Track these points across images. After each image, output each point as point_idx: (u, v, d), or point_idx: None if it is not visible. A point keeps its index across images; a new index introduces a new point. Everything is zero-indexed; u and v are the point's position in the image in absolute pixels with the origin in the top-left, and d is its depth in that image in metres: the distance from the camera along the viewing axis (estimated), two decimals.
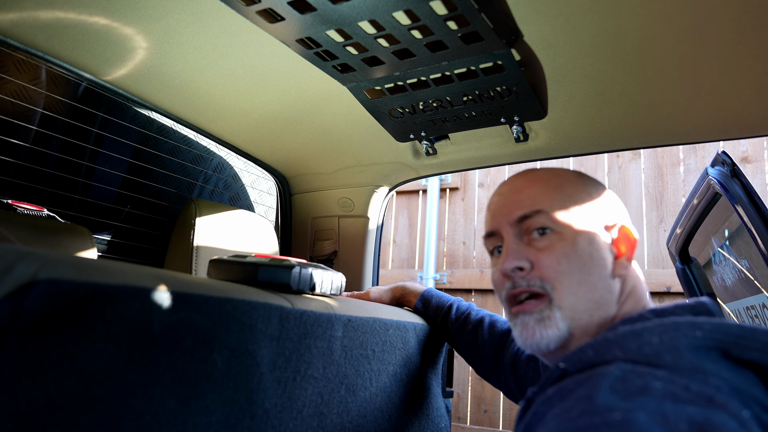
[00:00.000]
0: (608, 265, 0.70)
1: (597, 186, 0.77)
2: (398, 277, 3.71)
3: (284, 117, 1.32)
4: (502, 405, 3.21)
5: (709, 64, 0.93)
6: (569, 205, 0.71)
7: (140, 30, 0.99)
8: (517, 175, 0.78)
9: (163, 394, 0.53)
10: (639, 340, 0.56)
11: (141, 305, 0.51)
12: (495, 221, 0.75)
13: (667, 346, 0.54)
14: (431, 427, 1.11)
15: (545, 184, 0.73)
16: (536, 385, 0.66)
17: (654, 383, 0.49)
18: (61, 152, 1.33)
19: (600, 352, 0.59)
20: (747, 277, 1.28)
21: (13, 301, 0.42)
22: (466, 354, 1.11)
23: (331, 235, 1.71)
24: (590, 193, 0.74)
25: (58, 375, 0.45)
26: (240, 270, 0.77)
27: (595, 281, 0.68)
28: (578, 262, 0.68)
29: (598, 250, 0.70)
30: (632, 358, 0.55)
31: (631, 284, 0.72)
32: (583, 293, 0.68)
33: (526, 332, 0.69)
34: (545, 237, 0.70)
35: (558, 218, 0.70)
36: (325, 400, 0.78)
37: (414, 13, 0.81)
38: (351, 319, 0.86)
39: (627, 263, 0.72)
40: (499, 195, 0.77)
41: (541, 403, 0.57)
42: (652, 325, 0.57)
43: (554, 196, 0.72)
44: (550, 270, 0.68)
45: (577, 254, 0.69)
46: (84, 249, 1.11)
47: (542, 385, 0.64)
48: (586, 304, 0.68)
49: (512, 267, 0.70)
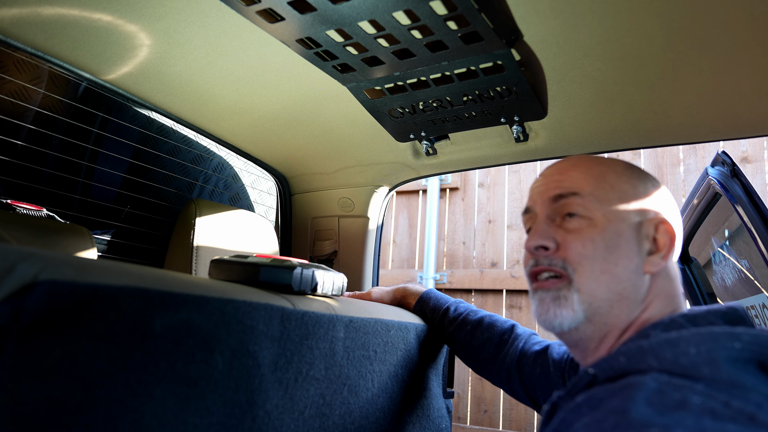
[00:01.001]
0: (637, 259, 0.68)
1: (645, 179, 0.74)
2: (398, 276, 3.71)
3: (284, 117, 1.32)
4: (502, 405, 3.21)
5: (709, 64, 0.93)
6: (607, 194, 0.70)
7: (140, 30, 0.99)
8: (565, 158, 0.78)
9: (163, 394, 0.53)
10: (675, 350, 0.54)
11: (142, 306, 0.51)
12: (532, 199, 0.77)
13: (704, 358, 0.52)
14: (432, 427, 1.11)
15: (588, 170, 0.73)
16: (562, 389, 0.65)
17: (692, 398, 0.47)
18: (61, 152, 1.32)
19: (633, 360, 0.57)
20: (747, 277, 1.28)
21: (15, 301, 0.42)
22: (465, 354, 1.11)
23: (331, 235, 1.71)
24: (634, 185, 0.72)
25: (59, 376, 0.45)
26: (241, 270, 0.77)
27: (620, 273, 0.67)
28: (604, 250, 0.67)
29: (628, 242, 0.68)
30: (667, 369, 0.53)
31: (664, 284, 0.69)
32: (605, 282, 0.67)
33: (541, 308, 0.69)
34: (576, 220, 0.70)
35: (592, 204, 0.69)
36: (327, 401, 0.78)
37: (414, 13, 0.81)
38: (353, 320, 0.86)
39: (661, 261, 0.69)
40: (543, 175, 0.77)
41: (570, 410, 0.55)
42: (689, 334, 0.55)
43: (594, 183, 0.71)
44: (573, 252, 0.68)
45: (605, 242, 0.68)
46: (84, 249, 1.11)
47: (570, 390, 0.63)
48: (606, 294, 0.67)
49: (536, 245, 0.71)
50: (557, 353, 0.96)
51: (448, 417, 1.20)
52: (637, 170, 0.75)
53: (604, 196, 0.70)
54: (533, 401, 1.00)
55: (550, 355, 0.97)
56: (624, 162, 0.75)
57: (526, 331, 1.07)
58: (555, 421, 0.56)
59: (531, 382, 0.98)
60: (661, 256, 0.69)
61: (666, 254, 0.69)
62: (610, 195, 0.70)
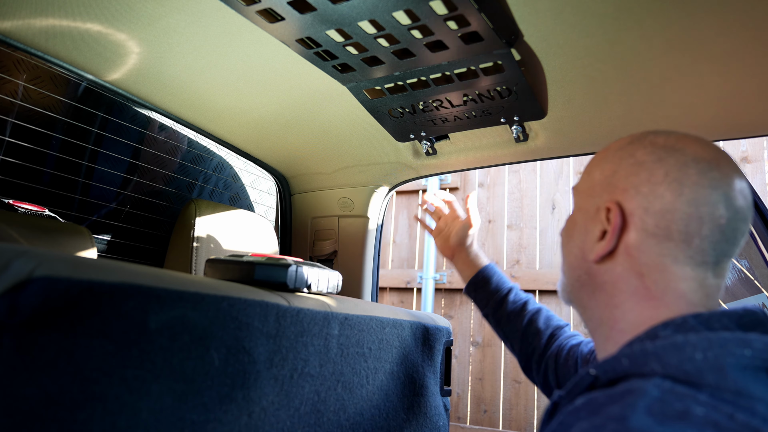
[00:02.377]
0: (584, 247, 0.66)
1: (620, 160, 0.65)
2: (398, 276, 3.71)
3: (284, 117, 1.32)
4: (501, 405, 3.20)
5: (709, 64, 0.93)
6: (583, 183, 0.71)
7: (140, 30, 0.99)
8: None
9: (160, 390, 0.53)
10: (680, 355, 0.51)
11: (137, 302, 0.51)
12: None
13: (711, 364, 0.49)
14: (429, 425, 1.11)
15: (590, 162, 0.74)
16: (563, 389, 0.64)
17: (695, 409, 0.45)
18: (61, 152, 1.33)
19: (636, 363, 0.54)
20: (747, 277, 1.28)
21: (10, 298, 0.42)
22: (516, 340, 1.11)
23: (330, 235, 1.71)
24: (604, 169, 0.66)
25: (55, 371, 0.45)
26: (237, 269, 0.78)
27: (572, 261, 0.70)
28: (565, 239, 0.72)
29: (580, 231, 0.68)
30: (671, 374, 0.51)
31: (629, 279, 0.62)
32: (566, 268, 0.71)
33: None
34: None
35: (574, 196, 0.73)
36: (321, 397, 0.79)
37: (414, 13, 0.81)
38: (347, 317, 0.86)
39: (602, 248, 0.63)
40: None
41: (568, 413, 0.54)
42: (697, 338, 0.52)
43: (583, 175, 0.73)
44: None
45: (566, 232, 0.72)
46: (84, 249, 1.11)
47: (570, 390, 0.62)
48: (570, 280, 0.71)
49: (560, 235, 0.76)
50: (588, 348, 0.97)
51: (446, 415, 1.20)
52: (632, 148, 0.65)
53: (581, 187, 0.72)
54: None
55: (580, 350, 0.97)
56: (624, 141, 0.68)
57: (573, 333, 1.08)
58: (554, 423, 0.55)
59: (565, 378, 0.99)
60: (604, 242, 0.63)
61: (609, 239, 0.62)
62: (584, 184, 0.71)
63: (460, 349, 3.36)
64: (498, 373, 3.22)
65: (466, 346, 3.36)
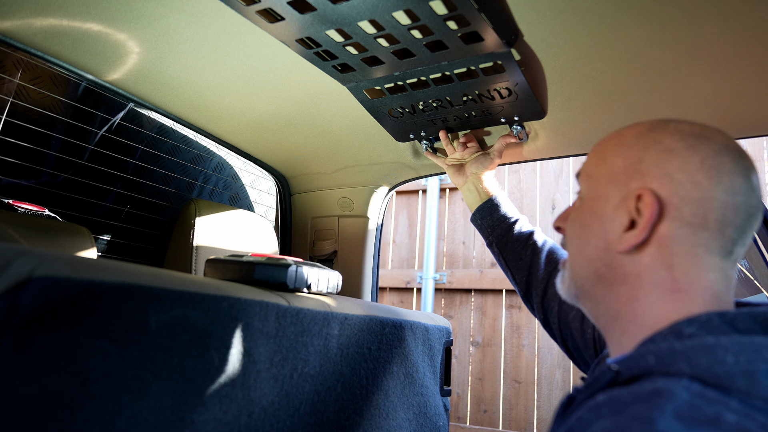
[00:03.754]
0: (609, 237, 0.62)
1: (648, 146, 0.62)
2: (398, 276, 3.71)
3: (284, 117, 1.32)
4: (501, 405, 3.21)
5: (709, 64, 0.93)
6: (598, 170, 0.66)
7: (140, 30, 0.99)
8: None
9: (160, 390, 0.53)
10: (711, 357, 0.49)
11: (136, 302, 0.52)
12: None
13: (742, 369, 0.47)
14: (429, 425, 1.11)
15: (599, 146, 0.69)
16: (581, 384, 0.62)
17: (727, 415, 0.44)
18: (61, 152, 1.33)
19: (663, 362, 0.52)
20: (747, 277, 1.28)
21: (10, 298, 0.42)
22: (518, 269, 1.11)
23: (330, 235, 1.71)
24: (628, 156, 0.63)
25: (55, 371, 0.45)
26: (236, 269, 0.78)
27: (591, 252, 0.64)
28: (579, 230, 0.66)
29: (602, 220, 0.63)
30: (699, 376, 0.49)
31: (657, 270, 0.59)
32: (580, 261, 0.66)
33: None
34: (576, 199, 0.70)
35: (585, 182, 0.68)
36: (321, 397, 0.79)
37: (414, 13, 0.81)
38: (347, 317, 0.86)
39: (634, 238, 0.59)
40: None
41: (588, 408, 0.52)
42: (728, 341, 0.50)
43: (593, 159, 0.68)
44: (566, 232, 0.71)
45: (580, 221, 0.66)
46: (84, 249, 1.11)
47: (589, 385, 0.60)
48: (585, 272, 0.65)
49: (555, 225, 0.73)
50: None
51: (446, 415, 1.20)
52: (654, 134, 0.63)
53: (595, 173, 0.66)
54: (562, 340, 1.01)
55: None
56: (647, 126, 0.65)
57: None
58: (572, 418, 0.53)
59: (566, 321, 0.99)
60: (636, 231, 0.59)
61: (643, 229, 0.59)
62: (600, 170, 0.66)
63: (460, 349, 3.36)
64: (498, 373, 3.22)
65: (466, 346, 3.36)
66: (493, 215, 1.18)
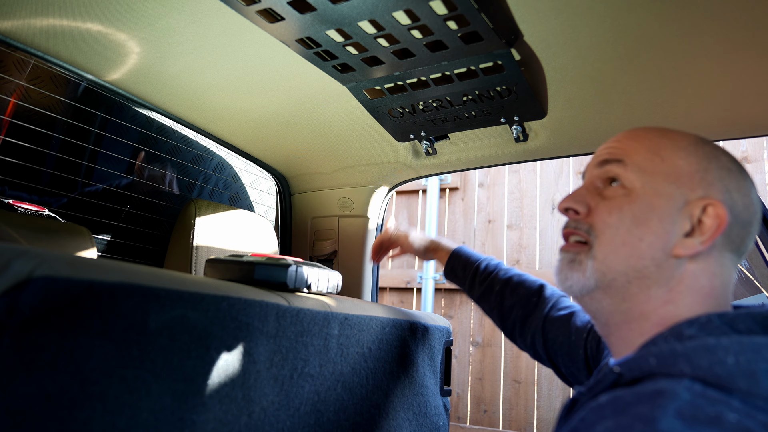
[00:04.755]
0: (667, 238, 0.62)
1: (712, 158, 0.65)
2: (398, 276, 3.71)
3: (284, 117, 1.32)
4: (501, 405, 3.21)
5: (709, 64, 0.93)
6: (656, 166, 0.65)
7: (140, 30, 0.99)
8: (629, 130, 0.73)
9: (160, 390, 0.53)
10: (711, 358, 0.50)
11: (136, 302, 0.51)
12: (588, 163, 0.74)
13: (743, 369, 0.48)
14: (429, 425, 1.11)
15: (645, 141, 0.68)
16: (584, 385, 0.62)
17: (728, 415, 0.44)
18: (61, 152, 1.33)
19: (665, 363, 0.53)
20: (747, 277, 1.28)
21: (10, 298, 0.42)
22: (494, 315, 1.10)
23: (330, 235, 1.71)
24: (692, 162, 0.64)
25: (55, 371, 0.45)
26: (236, 269, 0.77)
27: (643, 249, 0.62)
28: (630, 222, 0.63)
29: (661, 219, 0.62)
30: (701, 377, 0.49)
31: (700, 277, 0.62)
32: (624, 255, 0.63)
33: (558, 268, 0.69)
34: (615, 188, 0.66)
35: (634, 174, 0.65)
36: (321, 397, 0.79)
37: (414, 13, 0.81)
38: (347, 317, 0.86)
39: (699, 246, 0.61)
40: (605, 142, 0.74)
41: (591, 410, 0.53)
42: (729, 342, 0.51)
43: (644, 153, 0.66)
44: (599, 219, 0.65)
45: (633, 213, 0.63)
46: (84, 249, 1.11)
47: (591, 387, 0.61)
48: (623, 267, 0.63)
49: (566, 206, 0.69)
50: (581, 321, 0.95)
51: (446, 415, 1.20)
52: (709, 148, 0.66)
53: (651, 168, 0.65)
54: (555, 366, 1.00)
55: (573, 323, 0.95)
56: (694, 138, 0.68)
57: (555, 292, 1.05)
58: (574, 419, 0.54)
59: (554, 348, 0.97)
60: (700, 240, 0.61)
61: (708, 239, 0.61)
62: (659, 168, 0.65)
63: (460, 349, 3.36)
64: (498, 373, 3.22)
65: (466, 346, 3.35)
66: (457, 275, 1.16)
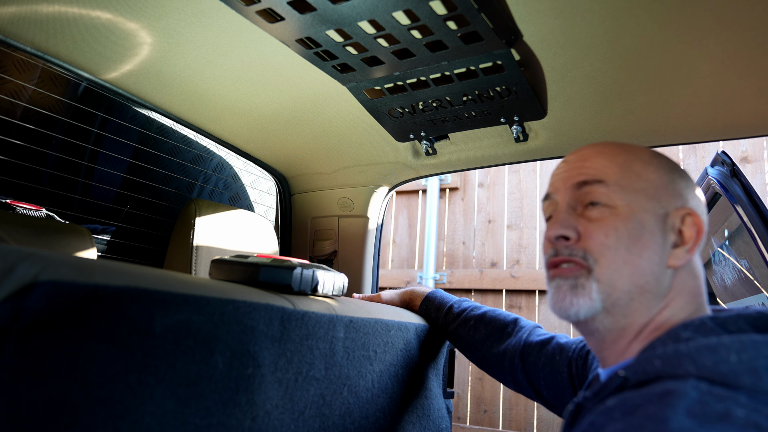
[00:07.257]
0: (662, 251, 0.65)
1: (672, 169, 0.70)
2: (398, 276, 3.71)
3: (284, 117, 1.32)
4: (501, 405, 3.21)
5: (709, 64, 0.93)
6: (633, 183, 0.67)
7: (140, 29, 0.99)
8: (589, 145, 0.74)
9: (163, 395, 0.53)
10: (715, 357, 0.52)
11: (142, 306, 0.51)
12: (554, 185, 0.73)
13: (746, 367, 0.50)
14: (432, 427, 1.11)
15: (614, 158, 0.69)
16: (588, 390, 0.63)
17: (736, 410, 0.45)
18: (60, 152, 1.32)
19: (670, 364, 0.54)
20: (747, 277, 1.28)
21: (14, 302, 0.42)
22: (469, 351, 1.11)
23: (330, 235, 1.71)
24: (661, 175, 0.68)
25: (59, 376, 0.45)
26: (241, 270, 0.77)
27: (643, 265, 0.64)
28: (627, 241, 0.64)
29: (652, 233, 0.65)
30: (706, 376, 0.51)
31: (687, 280, 0.66)
32: (627, 273, 0.64)
33: (558, 296, 0.66)
34: (599, 209, 0.67)
35: (616, 193, 0.66)
36: (327, 401, 0.78)
37: (414, 13, 0.81)
38: (353, 320, 0.86)
39: (686, 255, 0.65)
40: (566, 162, 0.74)
41: (600, 413, 0.53)
42: (729, 341, 0.53)
43: (620, 171, 0.68)
44: (596, 242, 0.65)
45: (628, 232, 0.65)
46: (83, 249, 1.11)
47: (597, 392, 0.61)
48: (627, 286, 0.64)
49: (557, 235, 0.68)
50: (564, 341, 0.96)
51: (448, 417, 1.20)
52: (665, 160, 0.71)
53: (630, 186, 0.67)
54: (536, 392, 0.99)
55: (555, 345, 0.96)
56: (651, 150, 0.72)
57: (530, 323, 1.07)
58: (583, 424, 0.54)
59: (535, 371, 0.97)
60: (686, 249, 0.66)
61: (692, 247, 0.66)
62: (636, 184, 0.67)
63: None
64: None
65: None
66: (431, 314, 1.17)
